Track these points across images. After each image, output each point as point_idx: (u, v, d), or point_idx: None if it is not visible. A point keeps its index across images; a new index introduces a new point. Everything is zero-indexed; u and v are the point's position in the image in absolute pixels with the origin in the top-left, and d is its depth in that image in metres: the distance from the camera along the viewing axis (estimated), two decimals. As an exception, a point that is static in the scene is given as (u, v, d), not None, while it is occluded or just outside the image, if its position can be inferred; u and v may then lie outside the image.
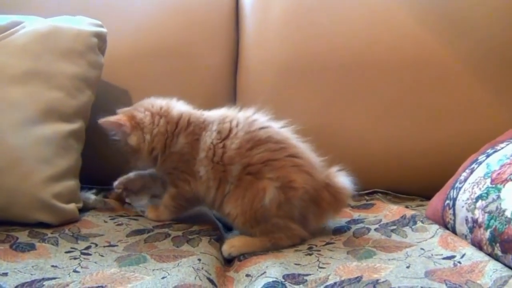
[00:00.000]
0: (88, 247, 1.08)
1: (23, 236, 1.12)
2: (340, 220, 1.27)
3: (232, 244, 1.11)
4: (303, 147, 1.18)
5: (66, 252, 1.05)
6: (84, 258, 1.02)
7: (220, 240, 1.15)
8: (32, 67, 1.28)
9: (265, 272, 0.95)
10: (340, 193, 1.16)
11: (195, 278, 0.91)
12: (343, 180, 1.17)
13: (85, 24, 1.40)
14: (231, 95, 1.60)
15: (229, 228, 1.29)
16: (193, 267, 0.95)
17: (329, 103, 1.51)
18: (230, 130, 1.16)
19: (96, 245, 1.09)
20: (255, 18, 1.63)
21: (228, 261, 1.09)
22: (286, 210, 1.10)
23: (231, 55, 1.63)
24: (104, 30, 1.42)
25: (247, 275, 0.97)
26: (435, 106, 1.50)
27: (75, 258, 1.01)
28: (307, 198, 1.12)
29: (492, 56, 1.50)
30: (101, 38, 1.41)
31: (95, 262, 1.00)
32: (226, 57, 1.62)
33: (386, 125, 1.50)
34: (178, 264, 0.98)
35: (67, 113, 1.29)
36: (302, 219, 1.14)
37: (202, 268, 0.96)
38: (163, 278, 0.90)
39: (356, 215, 1.31)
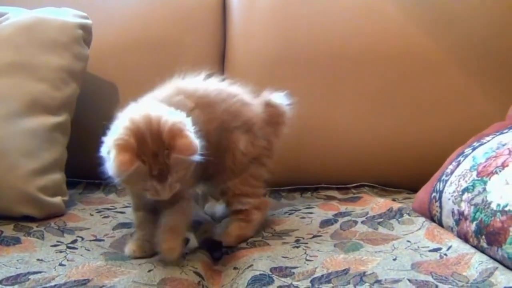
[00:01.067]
0: (74, 241, 1.07)
1: (8, 230, 1.11)
2: (327, 213, 1.27)
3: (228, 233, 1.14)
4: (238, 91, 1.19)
5: (52, 246, 1.04)
6: (70, 252, 1.01)
7: (205, 234, 1.15)
8: (16, 59, 1.26)
9: (252, 265, 0.95)
10: (277, 105, 1.21)
11: (181, 272, 0.91)
12: (277, 98, 1.22)
13: (70, 16, 1.38)
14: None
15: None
16: (177, 265, 0.95)
17: (315, 95, 1.51)
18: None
19: (82, 238, 1.09)
20: (242, 9, 1.62)
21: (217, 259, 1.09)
22: (257, 147, 1.15)
23: (218, 47, 1.62)
24: (89, 22, 1.41)
25: (235, 268, 0.97)
26: (421, 99, 1.50)
27: (60, 252, 1.01)
28: (264, 124, 1.17)
29: (479, 49, 1.51)
30: (86, 30, 1.39)
31: (81, 255, 0.99)
32: (213, 49, 1.61)
33: (372, 118, 1.50)
34: (164, 258, 0.97)
35: (52, 106, 1.27)
36: (268, 146, 1.18)
37: (188, 264, 0.95)
38: (149, 271, 0.90)
39: (343, 208, 1.31)
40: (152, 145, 0.90)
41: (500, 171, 1.01)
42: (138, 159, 0.88)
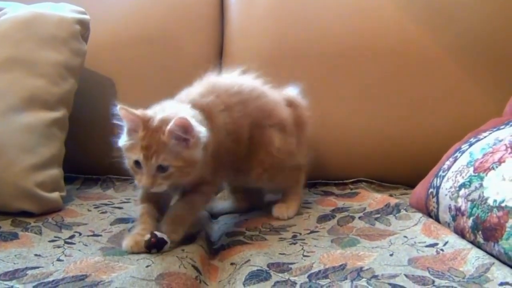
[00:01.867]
0: (72, 236, 1.07)
1: (6, 225, 1.11)
2: (324, 208, 1.28)
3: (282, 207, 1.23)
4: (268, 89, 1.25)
5: (50, 241, 1.04)
6: (68, 247, 1.01)
7: (202, 231, 1.14)
8: (14, 54, 1.26)
9: (249, 260, 0.95)
10: (299, 106, 1.30)
11: (179, 266, 0.91)
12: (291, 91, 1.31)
13: (68, 11, 1.38)
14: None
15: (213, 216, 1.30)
16: (177, 256, 0.95)
17: (312, 91, 1.50)
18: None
19: (80, 234, 1.09)
20: (240, 6, 1.62)
21: (215, 251, 1.09)
22: (290, 147, 1.23)
23: (216, 43, 1.62)
24: (87, 17, 1.40)
25: (232, 264, 0.97)
26: (418, 95, 1.50)
27: (58, 247, 1.01)
28: (292, 124, 1.25)
29: (475, 45, 1.51)
30: (84, 25, 1.39)
31: (79, 250, 0.99)
32: (211, 45, 1.61)
33: (370, 114, 1.50)
34: (162, 252, 0.97)
35: (50, 101, 1.27)
36: (298, 145, 1.26)
37: (187, 257, 0.95)
38: (147, 266, 0.90)
39: (340, 203, 1.31)
40: (157, 122, 0.98)
41: (496, 167, 1.01)
42: (141, 122, 0.98)
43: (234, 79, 1.20)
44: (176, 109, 1.03)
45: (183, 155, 0.98)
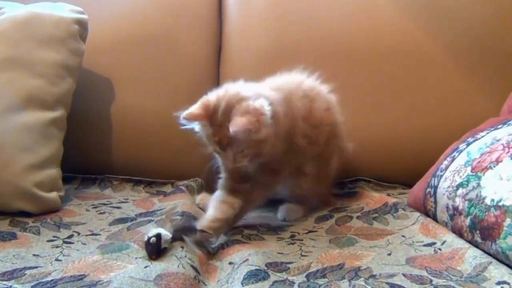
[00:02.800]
0: (70, 236, 1.07)
1: (4, 225, 1.11)
2: (322, 208, 1.28)
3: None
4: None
5: (48, 241, 1.04)
6: (66, 247, 1.01)
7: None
8: (12, 54, 1.26)
9: (247, 259, 0.95)
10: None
11: (178, 266, 0.91)
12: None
13: (66, 11, 1.38)
14: (214, 83, 1.59)
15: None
16: (175, 256, 0.95)
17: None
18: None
19: (79, 233, 1.09)
20: (239, 5, 1.63)
21: (213, 251, 1.09)
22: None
23: (215, 43, 1.62)
24: (85, 17, 1.40)
25: (230, 263, 0.97)
26: (416, 95, 1.50)
27: (57, 247, 1.01)
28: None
29: (474, 45, 1.51)
30: (82, 25, 1.39)
31: (77, 250, 0.99)
32: (210, 45, 1.62)
33: (368, 114, 1.50)
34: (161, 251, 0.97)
35: (48, 101, 1.27)
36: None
37: (185, 256, 0.95)
38: (146, 267, 0.90)
39: (339, 203, 1.32)
40: (220, 117, 1.03)
41: (494, 166, 1.01)
42: (206, 121, 1.04)
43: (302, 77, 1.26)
44: (243, 91, 1.07)
45: (253, 140, 1.03)
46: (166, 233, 0.98)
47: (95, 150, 1.46)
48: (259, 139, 1.03)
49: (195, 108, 1.05)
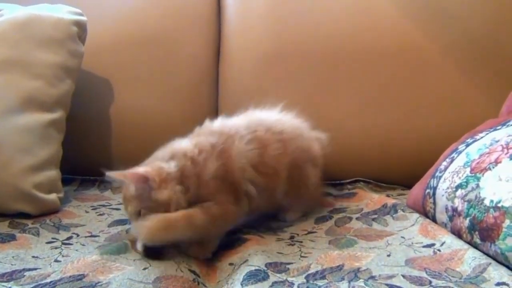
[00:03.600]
0: (69, 238, 1.07)
1: (3, 227, 1.11)
2: (322, 209, 1.28)
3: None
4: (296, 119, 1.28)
5: (47, 243, 1.04)
6: (65, 247, 1.01)
7: None
8: (11, 55, 1.26)
9: (247, 260, 0.95)
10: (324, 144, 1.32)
11: (176, 270, 0.91)
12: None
13: (65, 13, 1.38)
14: (214, 84, 1.59)
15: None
16: (174, 261, 0.95)
17: (310, 92, 1.51)
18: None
19: (78, 235, 1.09)
20: (237, 6, 1.63)
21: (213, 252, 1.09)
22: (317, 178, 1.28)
23: (214, 44, 1.62)
24: (84, 18, 1.40)
25: (230, 264, 0.97)
26: (416, 95, 1.50)
27: (56, 248, 1.01)
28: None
29: (473, 46, 1.51)
30: (81, 27, 1.39)
31: (76, 250, 0.99)
32: (209, 46, 1.62)
33: (367, 114, 1.50)
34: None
35: (47, 102, 1.27)
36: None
37: (183, 261, 0.96)
38: (144, 269, 0.90)
39: (338, 204, 1.32)
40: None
41: (493, 167, 1.01)
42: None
43: (277, 117, 1.23)
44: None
45: (152, 198, 1.00)
46: None
47: (94, 151, 1.45)
48: (160, 200, 1.00)
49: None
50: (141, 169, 1.02)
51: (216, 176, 1.05)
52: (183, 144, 1.10)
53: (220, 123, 1.16)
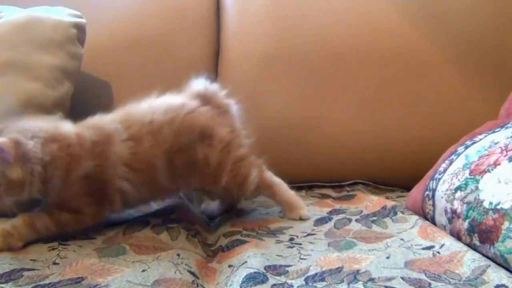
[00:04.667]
0: (66, 239, 1.07)
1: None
2: (322, 210, 1.28)
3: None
4: (173, 98, 1.21)
5: (44, 243, 1.03)
6: (63, 248, 1.01)
7: (198, 236, 1.14)
8: (10, 57, 1.26)
9: (246, 261, 0.95)
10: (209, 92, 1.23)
11: (175, 272, 0.91)
12: (203, 84, 1.24)
13: (64, 15, 1.38)
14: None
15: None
16: (172, 262, 0.95)
17: (309, 95, 1.52)
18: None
19: (74, 238, 1.08)
20: (236, 8, 1.63)
21: (213, 254, 1.09)
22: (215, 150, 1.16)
23: (212, 46, 1.63)
24: (83, 20, 1.40)
25: (230, 266, 0.97)
26: (415, 97, 1.51)
27: (53, 249, 1.00)
28: (216, 115, 1.20)
29: (472, 48, 1.52)
30: (80, 29, 1.39)
31: (74, 251, 0.99)
32: (207, 48, 1.62)
33: (366, 116, 1.50)
34: (158, 257, 0.97)
35: (46, 105, 1.27)
36: (233, 131, 1.20)
37: (182, 263, 0.95)
38: (143, 271, 0.90)
39: (337, 206, 1.31)
40: None
41: (492, 169, 1.01)
42: None
43: (148, 106, 1.16)
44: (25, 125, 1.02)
45: (5, 173, 0.97)
46: None
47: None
48: (13, 177, 0.97)
49: None
50: None
51: (86, 176, 1.04)
52: (64, 129, 1.06)
53: (100, 118, 1.13)
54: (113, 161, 1.07)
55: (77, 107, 1.38)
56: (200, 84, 1.23)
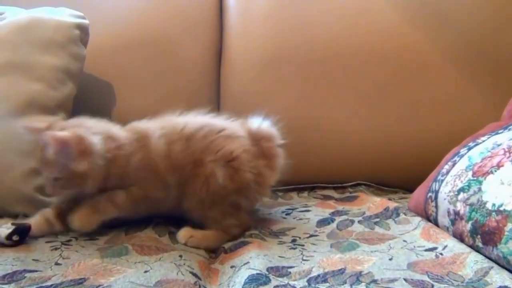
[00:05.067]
0: (69, 240, 1.07)
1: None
2: (324, 211, 1.28)
3: (191, 233, 1.10)
4: (219, 121, 1.21)
5: (47, 242, 1.04)
6: (65, 249, 1.01)
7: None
8: (13, 58, 1.26)
9: (248, 262, 0.95)
10: (266, 136, 1.19)
11: (177, 273, 0.91)
12: (259, 123, 1.20)
13: (67, 16, 1.38)
14: (215, 86, 1.59)
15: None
16: (174, 263, 0.95)
17: (311, 95, 1.52)
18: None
19: (76, 238, 1.08)
20: (239, 9, 1.63)
21: (215, 255, 1.09)
22: (239, 180, 1.12)
23: (215, 47, 1.62)
24: (86, 21, 1.40)
25: (232, 267, 0.97)
26: (417, 98, 1.50)
27: (56, 249, 1.00)
28: (251, 156, 1.15)
29: (474, 48, 1.51)
30: (83, 30, 1.39)
31: (76, 251, 0.99)
32: (209, 49, 1.62)
33: (368, 117, 1.50)
34: (160, 258, 0.97)
35: (48, 106, 1.27)
36: (259, 179, 1.16)
37: (184, 264, 0.95)
38: (145, 272, 0.90)
39: (340, 207, 1.31)
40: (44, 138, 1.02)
41: (495, 171, 1.01)
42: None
43: (189, 119, 1.19)
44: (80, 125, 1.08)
45: (68, 167, 1.01)
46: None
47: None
48: (78, 170, 1.02)
49: (39, 123, 1.05)
50: (63, 133, 1.02)
51: (140, 167, 1.09)
52: (114, 129, 1.12)
53: (140, 124, 1.18)
54: (158, 156, 1.11)
55: (79, 108, 1.38)
56: (255, 123, 1.21)
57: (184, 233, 1.10)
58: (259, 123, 1.20)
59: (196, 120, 1.18)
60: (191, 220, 1.14)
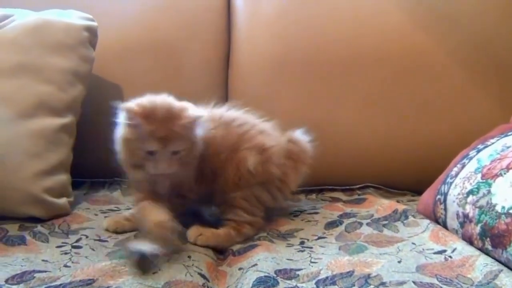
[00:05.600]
0: (78, 240, 1.07)
1: (13, 230, 1.11)
2: (332, 213, 1.28)
3: (200, 231, 1.10)
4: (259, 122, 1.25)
5: (57, 247, 1.04)
6: (75, 253, 1.01)
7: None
8: (22, 60, 1.27)
9: (256, 264, 0.95)
10: (299, 142, 1.27)
11: (185, 274, 0.91)
12: (299, 135, 1.28)
13: (76, 18, 1.39)
14: (223, 90, 1.59)
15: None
16: (183, 264, 0.95)
17: (319, 97, 1.51)
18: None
19: (87, 236, 1.09)
20: (247, 12, 1.63)
21: (223, 257, 1.09)
22: (267, 171, 1.17)
23: (223, 50, 1.63)
24: (95, 24, 1.41)
25: (240, 269, 0.97)
26: (425, 101, 1.50)
27: (66, 253, 1.01)
28: (281, 153, 1.21)
29: (482, 50, 1.51)
30: (92, 32, 1.40)
31: (86, 257, 0.99)
32: (218, 52, 1.62)
33: (376, 120, 1.50)
34: (169, 259, 0.97)
35: (58, 107, 1.28)
36: (283, 177, 1.22)
37: (193, 265, 0.96)
38: (154, 273, 0.90)
39: (348, 209, 1.31)
40: (161, 114, 1.05)
41: (504, 173, 1.01)
42: (142, 119, 1.04)
43: (223, 110, 1.24)
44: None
45: (189, 137, 1.07)
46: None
47: (104, 155, 1.45)
48: (194, 137, 1.08)
49: (132, 105, 1.07)
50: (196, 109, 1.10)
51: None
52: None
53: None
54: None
55: (88, 110, 1.39)
56: (295, 135, 1.28)
57: (193, 231, 1.10)
58: (298, 133, 1.28)
59: (230, 112, 1.24)
60: (201, 219, 1.16)
